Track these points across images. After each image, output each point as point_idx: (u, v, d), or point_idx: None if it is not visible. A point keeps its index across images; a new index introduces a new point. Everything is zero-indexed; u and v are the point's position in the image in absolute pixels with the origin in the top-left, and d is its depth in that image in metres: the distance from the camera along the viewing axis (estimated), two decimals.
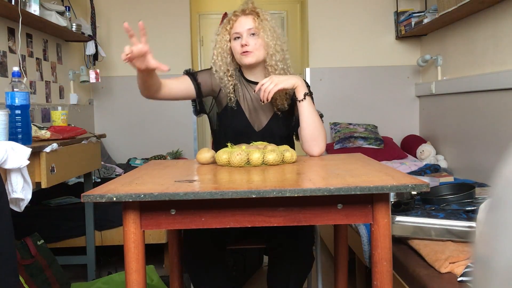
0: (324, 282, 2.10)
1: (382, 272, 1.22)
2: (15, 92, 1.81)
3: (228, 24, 1.82)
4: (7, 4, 2.43)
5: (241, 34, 1.78)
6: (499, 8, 2.71)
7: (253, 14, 1.80)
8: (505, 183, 0.45)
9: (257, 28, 1.77)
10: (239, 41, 1.78)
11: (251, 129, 1.82)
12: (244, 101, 1.84)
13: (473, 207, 1.97)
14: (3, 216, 1.43)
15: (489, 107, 2.83)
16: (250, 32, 1.77)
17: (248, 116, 1.83)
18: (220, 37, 1.83)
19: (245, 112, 1.83)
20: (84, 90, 3.99)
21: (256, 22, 1.78)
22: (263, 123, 1.83)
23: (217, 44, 1.84)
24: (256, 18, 1.79)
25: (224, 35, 1.82)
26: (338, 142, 3.76)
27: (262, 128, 1.83)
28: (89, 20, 3.74)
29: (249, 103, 1.84)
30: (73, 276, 2.80)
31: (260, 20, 1.79)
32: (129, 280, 1.21)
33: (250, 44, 1.76)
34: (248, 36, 1.77)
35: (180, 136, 4.20)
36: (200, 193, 1.14)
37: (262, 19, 1.79)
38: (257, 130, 1.82)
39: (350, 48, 4.10)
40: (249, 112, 1.83)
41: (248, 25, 1.78)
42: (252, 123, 1.83)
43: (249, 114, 1.83)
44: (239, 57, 1.79)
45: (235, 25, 1.80)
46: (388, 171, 1.37)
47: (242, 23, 1.78)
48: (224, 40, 1.82)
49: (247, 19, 1.79)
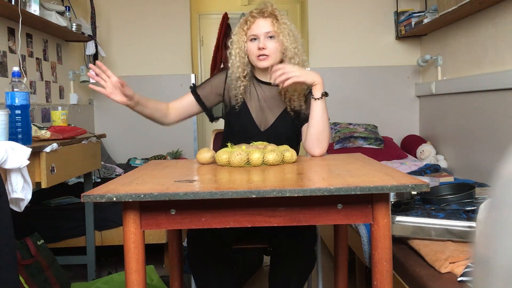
0: (324, 282, 2.10)
1: (382, 272, 1.22)
2: (15, 92, 1.81)
3: (245, 24, 1.79)
4: (7, 4, 2.43)
5: (259, 36, 1.76)
6: (499, 8, 2.71)
7: (272, 17, 1.77)
8: (505, 183, 0.45)
9: (275, 32, 1.75)
10: (255, 43, 1.76)
11: (257, 128, 1.81)
12: (251, 101, 1.83)
13: (473, 207, 1.97)
14: (3, 216, 1.43)
15: (489, 107, 2.83)
16: (268, 35, 1.76)
17: (254, 116, 1.82)
18: (237, 38, 1.81)
19: (251, 112, 1.82)
20: (84, 90, 3.99)
21: (275, 25, 1.76)
22: (269, 123, 1.82)
23: (235, 45, 1.82)
24: (274, 22, 1.77)
25: (241, 35, 1.80)
26: (338, 142, 3.76)
27: (268, 127, 1.82)
28: (89, 20, 3.74)
29: (256, 103, 1.83)
30: (73, 276, 2.80)
31: (278, 23, 1.76)
32: (129, 280, 1.21)
33: (268, 47, 1.75)
34: (265, 39, 1.75)
35: (180, 136, 4.20)
36: (200, 193, 1.14)
37: (281, 22, 1.77)
38: (263, 130, 1.82)
39: (350, 48, 4.10)
40: (256, 111, 1.83)
41: (266, 28, 1.76)
42: (258, 123, 1.82)
43: (255, 114, 1.82)
44: (255, 59, 1.78)
45: (252, 26, 1.77)
46: (388, 171, 1.37)
47: (260, 25, 1.76)
48: (241, 40, 1.79)
49: (266, 22, 1.76)
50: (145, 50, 4.17)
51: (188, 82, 4.16)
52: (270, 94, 1.83)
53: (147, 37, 4.15)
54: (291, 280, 1.67)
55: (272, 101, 1.83)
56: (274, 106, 1.83)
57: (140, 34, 4.15)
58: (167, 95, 2.29)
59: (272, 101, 1.83)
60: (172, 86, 4.12)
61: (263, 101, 1.83)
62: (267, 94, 1.83)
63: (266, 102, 1.83)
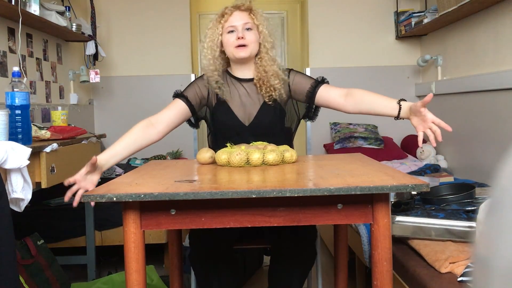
0: (324, 282, 2.10)
1: (382, 272, 1.22)
2: (15, 92, 1.81)
3: (222, 17, 1.80)
4: (7, 4, 2.43)
5: (237, 28, 1.76)
6: (499, 8, 2.71)
7: (248, 10, 1.80)
8: (505, 183, 0.45)
9: (253, 24, 1.78)
10: (233, 35, 1.76)
11: (242, 124, 1.80)
12: (232, 100, 1.82)
13: (473, 207, 1.97)
14: (3, 216, 1.43)
15: (489, 107, 2.83)
16: (246, 26, 1.77)
17: (237, 113, 1.81)
18: (212, 31, 1.81)
19: (233, 109, 1.81)
20: (84, 90, 3.99)
21: (253, 18, 1.79)
22: (252, 117, 1.82)
23: (208, 38, 1.81)
24: (251, 14, 1.79)
25: (216, 28, 1.80)
26: (338, 142, 3.76)
27: (251, 121, 1.81)
28: (89, 20, 3.74)
29: (237, 100, 1.82)
30: (73, 276, 2.80)
31: (256, 16, 1.79)
32: (129, 280, 1.21)
33: (246, 38, 1.76)
34: (243, 30, 1.76)
35: (180, 136, 4.18)
36: (200, 193, 1.14)
37: (258, 15, 1.80)
38: (247, 125, 1.81)
39: (350, 48, 4.10)
40: (238, 108, 1.82)
41: (244, 19, 1.77)
42: (242, 119, 1.81)
43: (237, 110, 1.81)
44: (233, 50, 1.76)
45: (230, 18, 1.78)
46: (388, 171, 1.37)
47: (238, 17, 1.77)
48: (216, 33, 1.79)
49: (243, 14, 1.78)
50: (145, 50, 4.16)
51: (188, 82, 4.14)
52: (249, 89, 1.83)
53: (147, 37, 4.15)
54: (293, 275, 1.67)
55: (251, 95, 1.83)
56: (254, 99, 1.82)
57: (140, 34, 4.15)
58: (167, 95, 2.29)
59: (251, 95, 1.83)
60: (172, 86, 4.08)
61: (243, 97, 1.82)
62: (247, 89, 1.83)
63: (246, 97, 1.82)
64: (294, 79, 1.84)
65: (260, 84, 1.80)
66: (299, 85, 1.82)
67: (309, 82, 1.81)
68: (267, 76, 1.77)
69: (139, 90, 4.18)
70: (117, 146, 1.64)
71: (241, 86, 1.83)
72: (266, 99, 1.80)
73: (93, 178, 1.53)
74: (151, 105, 3.99)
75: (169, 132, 1.79)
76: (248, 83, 1.83)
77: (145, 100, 4.14)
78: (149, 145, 1.73)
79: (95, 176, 1.53)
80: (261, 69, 1.79)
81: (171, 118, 1.77)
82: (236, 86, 1.84)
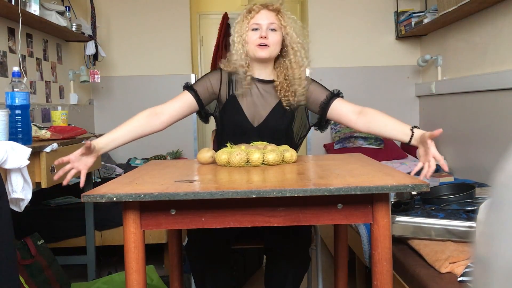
0: (324, 282, 2.10)
1: (382, 272, 1.22)
2: (15, 92, 1.81)
3: (249, 13, 1.78)
4: (7, 4, 2.43)
5: (261, 26, 1.74)
6: (499, 8, 2.71)
7: (276, 11, 1.78)
8: (505, 183, 0.45)
9: (278, 25, 1.76)
10: (257, 33, 1.75)
11: (250, 124, 1.80)
12: (243, 98, 1.81)
13: (473, 207, 1.97)
14: (3, 216, 1.43)
15: (489, 107, 2.83)
16: (270, 26, 1.75)
17: (246, 112, 1.80)
18: (239, 26, 1.79)
19: (243, 108, 1.80)
20: (84, 90, 3.99)
21: (279, 19, 1.77)
22: (261, 118, 1.80)
23: (237, 33, 1.79)
24: (279, 15, 1.77)
25: (243, 23, 1.78)
26: (338, 142, 3.76)
27: (260, 122, 1.80)
28: (89, 20, 3.74)
29: (249, 99, 1.81)
30: (73, 276, 2.80)
31: (283, 18, 1.77)
32: (129, 280, 1.21)
33: (269, 38, 1.74)
34: (267, 30, 1.74)
35: (180, 136, 4.20)
36: (200, 193, 1.14)
37: (286, 17, 1.77)
38: (256, 126, 1.80)
39: (350, 48, 4.10)
40: (248, 108, 1.81)
41: (270, 19, 1.75)
42: (251, 119, 1.80)
43: (247, 110, 1.80)
44: (254, 48, 1.75)
45: (257, 16, 1.76)
46: (388, 171, 1.37)
47: (264, 16, 1.76)
48: (243, 29, 1.77)
49: (270, 13, 1.76)
50: (145, 50, 4.16)
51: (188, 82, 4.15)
52: (264, 91, 1.81)
53: (147, 37, 4.15)
54: (286, 281, 1.68)
55: (265, 97, 1.81)
56: (267, 101, 1.81)
57: (140, 34, 4.15)
58: (167, 95, 2.29)
59: (265, 97, 1.81)
60: (172, 86, 4.11)
61: (255, 97, 1.81)
62: (261, 90, 1.81)
63: (258, 98, 1.81)
64: (309, 87, 1.82)
65: (281, 88, 1.78)
66: (314, 94, 1.81)
67: (324, 93, 1.80)
68: (291, 80, 1.76)
69: (139, 90, 4.18)
70: (119, 131, 1.64)
71: (256, 86, 1.81)
72: (284, 103, 1.79)
73: (87, 160, 1.53)
74: (151, 105, 3.93)
75: (172, 123, 1.78)
76: (265, 85, 1.81)
77: (145, 100, 4.13)
78: (150, 133, 1.72)
79: (90, 159, 1.53)
80: (286, 72, 1.78)
81: (176, 110, 1.77)
82: (250, 85, 1.81)
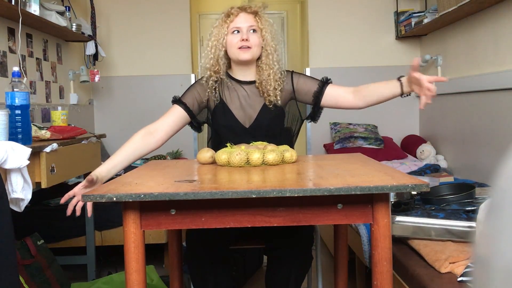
0: (324, 282, 2.10)
1: (382, 272, 1.22)
2: (15, 92, 1.81)
3: (227, 17, 1.80)
4: (7, 4, 2.43)
5: (241, 29, 1.77)
6: (499, 8, 2.71)
7: (254, 13, 1.80)
8: (505, 183, 0.45)
9: (258, 27, 1.78)
10: (237, 36, 1.77)
11: (242, 126, 1.81)
12: (231, 102, 1.83)
13: (473, 207, 1.97)
14: (3, 216, 1.43)
15: (489, 107, 2.83)
16: (251, 28, 1.77)
17: (236, 115, 1.82)
18: (218, 30, 1.81)
19: (233, 111, 1.82)
20: (84, 90, 3.99)
21: (258, 21, 1.79)
22: (252, 119, 1.82)
23: (213, 37, 1.81)
24: (257, 18, 1.80)
25: (222, 27, 1.79)
26: (338, 142, 3.76)
27: (252, 123, 1.81)
28: (89, 20, 3.74)
29: (237, 102, 1.83)
30: (73, 276, 2.80)
31: (261, 20, 1.79)
32: (129, 280, 1.21)
33: (250, 40, 1.76)
34: (248, 32, 1.76)
35: (180, 136, 4.15)
36: (200, 193, 1.14)
37: (264, 19, 1.80)
38: (248, 127, 1.81)
39: (350, 48, 4.10)
40: (237, 110, 1.82)
41: (249, 21, 1.78)
42: (243, 121, 1.82)
43: (237, 112, 1.82)
44: (236, 52, 1.77)
45: (236, 19, 1.78)
46: (388, 171, 1.37)
47: (243, 19, 1.78)
48: (222, 33, 1.79)
49: (249, 16, 1.79)
50: (145, 50, 4.16)
51: (188, 82, 4.15)
52: (250, 92, 1.83)
53: (147, 37, 4.15)
54: (289, 281, 1.68)
55: (252, 98, 1.83)
56: (254, 102, 1.82)
57: (140, 34, 4.15)
58: (167, 95, 2.29)
59: (252, 98, 1.83)
60: (172, 86, 4.11)
61: (243, 99, 1.83)
62: (247, 92, 1.83)
63: (246, 100, 1.83)
64: (298, 81, 1.84)
65: (262, 88, 1.81)
66: (304, 86, 1.83)
67: (315, 83, 1.83)
68: (268, 79, 1.79)
69: (139, 90, 4.18)
70: (118, 156, 1.69)
71: (242, 88, 1.83)
72: (267, 102, 1.81)
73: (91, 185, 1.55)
74: (151, 105, 4.01)
75: (168, 139, 1.81)
76: (249, 86, 1.83)
77: (145, 100, 4.14)
78: (148, 153, 1.76)
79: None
80: (263, 72, 1.80)
81: (170, 126, 1.79)
82: (236, 88, 1.84)
